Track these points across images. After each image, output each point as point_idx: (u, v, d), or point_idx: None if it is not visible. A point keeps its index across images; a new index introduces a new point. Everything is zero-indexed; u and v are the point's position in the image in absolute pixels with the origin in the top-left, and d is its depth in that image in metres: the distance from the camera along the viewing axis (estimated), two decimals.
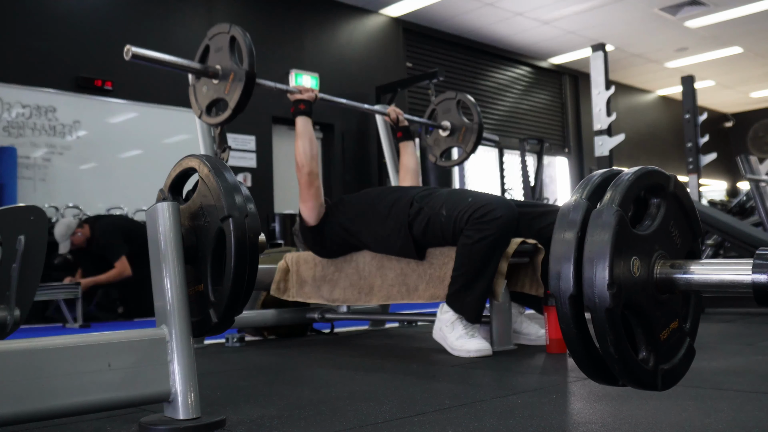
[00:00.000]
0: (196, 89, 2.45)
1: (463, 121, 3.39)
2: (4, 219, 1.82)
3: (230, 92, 2.30)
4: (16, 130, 5.79)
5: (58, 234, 4.88)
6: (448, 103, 3.45)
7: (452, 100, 3.44)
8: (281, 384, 1.86)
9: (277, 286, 2.86)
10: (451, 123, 3.42)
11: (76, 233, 4.93)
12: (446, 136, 3.44)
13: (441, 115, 3.47)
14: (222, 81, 2.34)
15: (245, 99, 2.28)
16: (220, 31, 2.37)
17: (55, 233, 4.88)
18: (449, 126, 3.41)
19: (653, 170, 0.98)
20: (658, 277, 0.95)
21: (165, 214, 1.35)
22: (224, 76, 2.33)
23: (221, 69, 2.34)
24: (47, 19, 6.12)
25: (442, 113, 3.47)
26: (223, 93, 2.33)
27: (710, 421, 1.22)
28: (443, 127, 3.43)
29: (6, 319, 1.80)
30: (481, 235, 2.24)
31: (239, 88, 2.26)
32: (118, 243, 4.98)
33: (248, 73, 2.25)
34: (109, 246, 4.98)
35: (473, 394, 1.59)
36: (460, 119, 3.40)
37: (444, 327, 2.32)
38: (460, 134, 3.38)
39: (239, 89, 2.26)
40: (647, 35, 9.95)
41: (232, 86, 2.30)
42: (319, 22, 8.12)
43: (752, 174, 3.71)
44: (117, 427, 1.35)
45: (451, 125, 3.41)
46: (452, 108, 3.43)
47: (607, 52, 4.35)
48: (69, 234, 4.90)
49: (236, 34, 2.31)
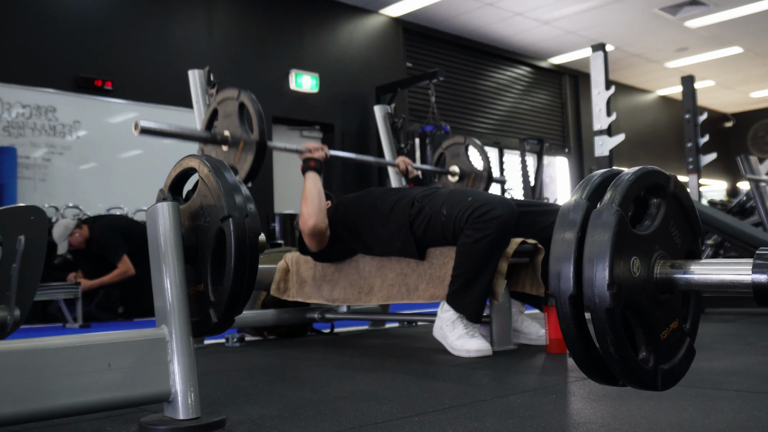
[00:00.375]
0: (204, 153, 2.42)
1: (472, 168, 3.42)
2: (4, 219, 1.82)
3: (241, 161, 2.27)
4: (16, 130, 5.79)
5: (56, 235, 4.88)
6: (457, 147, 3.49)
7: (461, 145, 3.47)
8: (281, 384, 1.86)
9: (277, 286, 2.86)
10: (460, 168, 3.45)
11: (74, 234, 4.93)
12: (455, 181, 3.47)
13: (449, 160, 3.50)
14: (231, 148, 2.30)
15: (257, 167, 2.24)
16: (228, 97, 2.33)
17: (53, 234, 4.88)
18: (458, 171, 3.44)
19: (653, 170, 0.98)
20: (658, 277, 0.95)
21: (165, 214, 1.35)
22: (234, 143, 2.29)
23: (230, 137, 2.30)
24: (47, 19, 6.12)
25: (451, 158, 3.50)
26: (233, 161, 2.30)
27: (710, 421, 1.22)
28: (452, 173, 3.45)
29: (6, 319, 1.80)
30: (481, 234, 2.24)
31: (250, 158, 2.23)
32: (117, 243, 4.98)
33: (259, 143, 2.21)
34: (108, 246, 4.98)
35: (473, 394, 1.59)
36: (468, 165, 3.43)
37: (444, 326, 2.32)
38: (469, 180, 3.40)
39: (250, 159, 2.23)
40: (647, 35, 9.95)
41: (242, 155, 2.26)
42: (319, 22, 8.12)
43: (752, 174, 3.71)
44: (117, 427, 1.35)
45: (460, 171, 3.44)
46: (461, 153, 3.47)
47: (607, 52, 4.35)
48: (67, 235, 4.89)
49: (245, 100, 2.27)
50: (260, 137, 2.20)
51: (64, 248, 4.91)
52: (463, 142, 3.45)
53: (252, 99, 2.25)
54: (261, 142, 2.20)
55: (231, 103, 2.31)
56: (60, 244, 4.90)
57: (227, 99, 2.33)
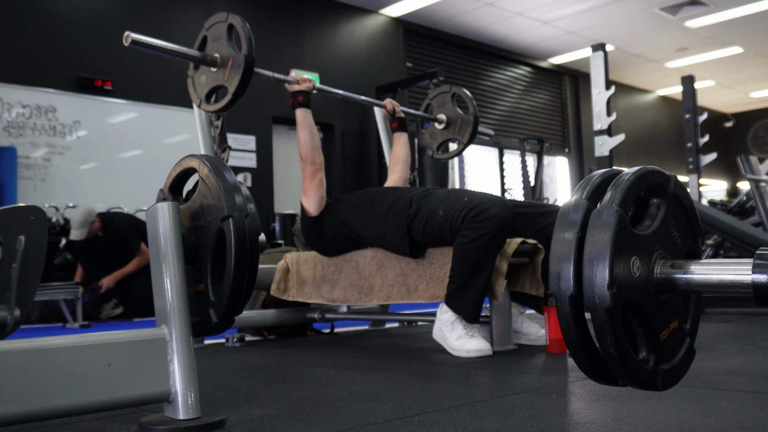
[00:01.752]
0: (195, 79, 2.46)
1: (459, 114, 3.40)
2: (4, 219, 1.82)
3: (229, 78, 2.31)
4: (16, 130, 5.79)
5: (78, 220, 4.81)
6: (443, 96, 3.46)
7: (447, 93, 3.45)
8: (281, 384, 1.86)
9: (277, 286, 2.86)
10: (447, 116, 3.43)
11: (95, 222, 4.91)
12: (442, 129, 3.45)
13: (436, 109, 3.48)
14: (221, 68, 2.35)
15: (245, 84, 2.29)
16: (217, 21, 2.38)
17: (73, 219, 4.82)
18: (445, 119, 3.43)
19: (653, 170, 0.98)
20: (658, 277, 0.95)
21: (165, 214, 1.35)
22: (223, 63, 2.34)
23: (220, 57, 2.35)
24: (47, 19, 6.12)
25: (438, 107, 3.48)
26: (222, 80, 2.34)
27: (710, 421, 1.22)
28: (439, 120, 3.44)
29: (6, 319, 1.80)
30: (477, 234, 2.24)
31: (238, 74, 2.27)
32: (135, 234, 4.99)
33: (247, 57, 2.26)
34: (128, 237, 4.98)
35: (473, 394, 1.59)
36: (455, 112, 3.41)
37: (444, 327, 2.32)
38: (456, 126, 3.39)
39: (238, 75, 2.27)
40: (647, 35, 9.95)
41: (231, 72, 2.30)
42: (319, 21, 8.12)
43: (752, 174, 3.71)
44: (117, 427, 1.35)
45: (446, 118, 3.42)
46: (447, 101, 3.44)
47: (607, 52, 4.35)
48: (90, 221, 4.84)
49: (234, 21, 2.32)
50: (248, 53, 2.24)
51: (83, 235, 4.83)
52: (449, 90, 3.44)
53: (240, 20, 2.29)
54: (249, 57, 2.25)
55: (220, 26, 2.35)
56: (79, 231, 4.82)
57: (216, 23, 2.36)
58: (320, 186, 2.63)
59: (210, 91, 2.41)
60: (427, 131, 3.54)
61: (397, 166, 3.13)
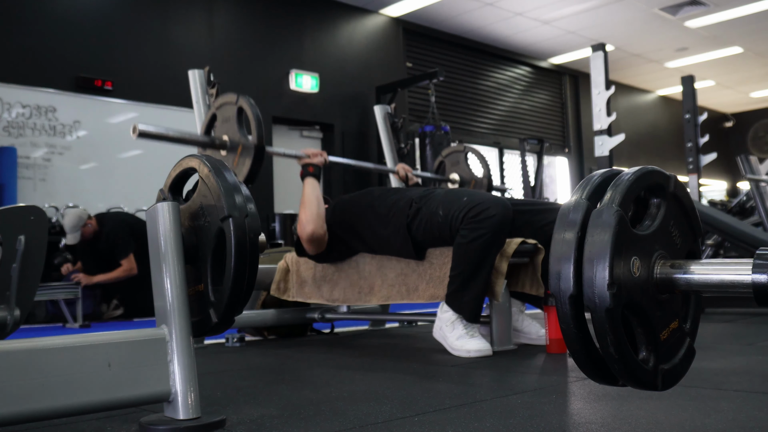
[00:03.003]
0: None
1: (472, 175, 3.42)
2: (4, 219, 1.82)
3: (239, 165, 2.28)
4: (16, 130, 5.79)
5: (69, 224, 4.80)
6: (457, 155, 3.49)
7: (461, 153, 3.47)
8: (281, 384, 1.86)
9: (277, 286, 2.86)
10: (460, 176, 3.45)
11: (87, 225, 4.89)
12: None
13: (449, 168, 3.51)
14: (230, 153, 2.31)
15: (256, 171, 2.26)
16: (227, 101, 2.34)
17: (65, 224, 4.82)
18: (458, 179, 3.44)
19: (653, 170, 0.98)
20: (658, 277, 0.95)
21: (165, 214, 1.35)
22: (232, 148, 2.31)
23: (229, 141, 2.31)
24: (47, 19, 6.12)
25: (451, 165, 3.50)
26: (231, 165, 2.31)
27: (710, 421, 1.22)
28: (452, 181, 3.45)
29: (6, 319, 1.80)
30: (476, 234, 2.24)
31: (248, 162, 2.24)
32: (127, 240, 4.95)
33: (257, 147, 2.22)
34: (118, 241, 4.93)
35: (473, 394, 1.59)
36: (468, 172, 3.43)
37: (444, 326, 2.32)
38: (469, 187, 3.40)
39: (248, 163, 2.24)
40: (647, 35, 9.95)
41: (240, 159, 2.28)
42: (319, 22, 8.12)
43: (752, 174, 3.71)
44: (117, 427, 1.35)
45: (460, 178, 3.44)
46: (461, 161, 3.47)
47: (607, 52, 4.35)
48: (80, 225, 4.82)
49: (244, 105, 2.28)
50: (258, 142, 2.21)
51: (75, 239, 4.82)
52: (463, 150, 3.46)
53: (250, 103, 2.26)
54: (259, 146, 2.21)
55: (230, 107, 2.32)
56: (71, 234, 4.81)
57: (226, 104, 2.33)
58: (319, 246, 2.61)
59: None
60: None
61: None
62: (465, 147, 3.46)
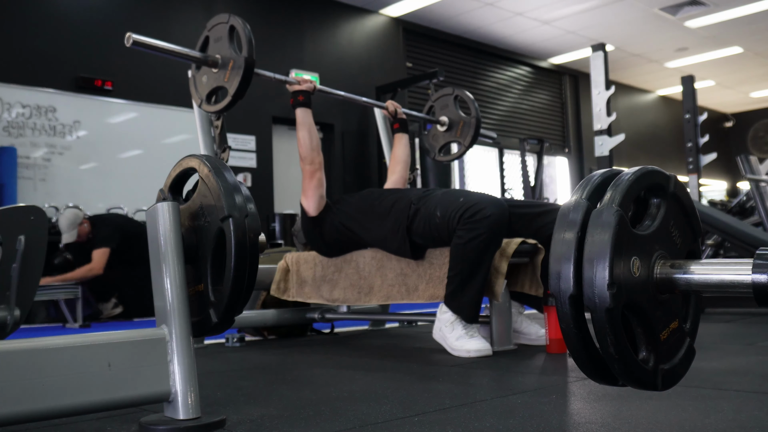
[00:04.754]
0: (196, 79, 2.47)
1: (461, 116, 3.40)
2: (4, 219, 1.82)
3: (230, 80, 2.31)
4: (16, 130, 5.79)
5: (65, 224, 4.79)
6: (446, 99, 3.46)
7: (449, 96, 3.45)
8: (281, 384, 1.86)
9: (277, 286, 2.86)
10: (449, 118, 3.42)
11: (83, 224, 4.89)
12: (444, 131, 3.44)
13: (439, 111, 3.48)
14: (221, 69, 2.35)
15: (245, 85, 2.29)
16: (219, 22, 2.38)
17: (61, 224, 4.81)
18: (447, 121, 3.42)
19: (653, 170, 0.98)
20: (658, 277, 0.95)
21: (165, 214, 1.35)
22: (224, 64, 2.35)
23: (221, 58, 2.36)
24: (47, 19, 6.12)
25: (440, 109, 3.48)
26: (222, 81, 2.35)
27: (710, 421, 1.22)
28: (441, 123, 3.43)
29: (6, 319, 1.80)
30: (472, 234, 2.24)
31: (239, 75, 2.28)
32: (108, 237, 4.89)
33: (247, 59, 2.27)
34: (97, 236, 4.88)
35: (473, 394, 1.59)
36: (457, 114, 3.41)
37: (444, 327, 2.32)
38: (458, 129, 3.38)
39: (239, 76, 2.28)
40: (647, 35, 9.95)
41: (231, 74, 2.31)
42: (319, 22, 8.12)
43: (752, 174, 3.71)
44: (117, 427, 1.35)
45: (449, 120, 3.42)
46: (450, 104, 3.44)
47: (607, 52, 4.35)
48: (77, 223, 4.81)
49: (235, 23, 2.32)
50: (248, 55, 2.25)
51: (72, 237, 4.81)
52: (452, 92, 3.43)
53: (241, 22, 2.30)
54: (249, 59, 2.26)
55: (221, 27, 2.36)
56: (68, 234, 4.79)
57: (218, 24, 2.37)
58: (319, 186, 2.63)
59: (211, 91, 2.41)
60: (429, 133, 3.53)
61: (397, 166, 3.13)
62: (453, 89, 3.44)
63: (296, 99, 2.66)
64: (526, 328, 2.57)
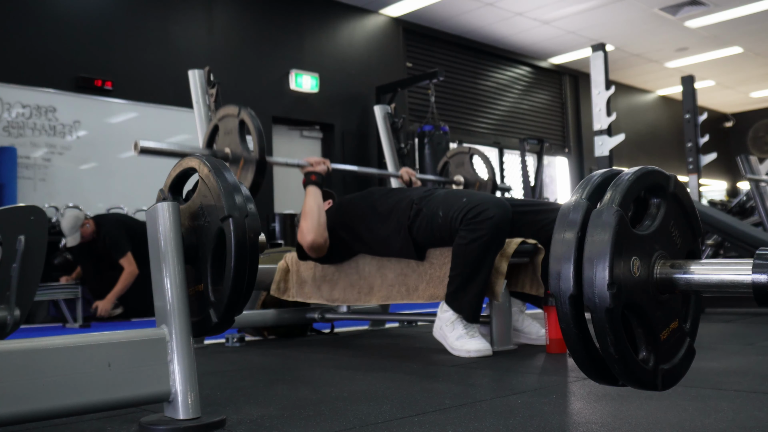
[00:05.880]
0: None
1: (477, 177, 3.42)
2: (4, 219, 1.82)
3: (241, 178, 2.29)
4: (16, 130, 5.79)
5: (67, 226, 4.78)
6: (461, 157, 3.49)
7: (465, 154, 3.47)
8: (281, 384, 1.86)
9: (277, 286, 2.86)
10: (465, 177, 3.44)
11: (85, 225, 4.88)
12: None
13: (454, 169, 3.50)
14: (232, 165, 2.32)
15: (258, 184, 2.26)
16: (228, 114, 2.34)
17: (63, 226, 4.80)
18: (462, 181, 3.44)
19: (653, 170, 0.98)
20: (658, 277, 0.95)
21: (165, 214, 1.35)
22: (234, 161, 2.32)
23: (231, 153, 2.32)
24: (47, 19, 6.12)
25: (455, 167, 3.50)
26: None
27: (710, 421, 1.22)
28: (456, 183, 3.45)
29: (6, 319, 1.80)
30: (475, 235, 2.24)
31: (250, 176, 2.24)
32: (123, 240, 4.92)
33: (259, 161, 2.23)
34: (115, 242, 4.90)
35: (473, 394, 1.59)
36: (473, 174, 3.43)
37: (444, 326, 2.32)
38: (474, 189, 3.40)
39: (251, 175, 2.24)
40: (647, 35, 9.95)
41: (243, 172, 2.28)
42: (319, 22, 8.12)
43: (752, 174, 3.71)
44: (117, 427, 1.35)
45: (464, 180, 3.44)
46: (465, 162, 3.47)
47: (607, 52, 4.35)
48: (78, 225, 4.79)
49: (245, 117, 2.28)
50: (260, 155, 2.22)
51: (76, 240, 4.80)
52: (468, 151, 3.46)
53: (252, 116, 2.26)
54: (261, 160, 2.22)
55: (231, 119, 2.32)
56: (71, 236, 4.78)
57: (228, 116, 2.34)
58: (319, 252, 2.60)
59: None
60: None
61: None
62: (470, 149, 3.47)
63: (308, 178, 2.64)
64: (527, 327, 2.57)
